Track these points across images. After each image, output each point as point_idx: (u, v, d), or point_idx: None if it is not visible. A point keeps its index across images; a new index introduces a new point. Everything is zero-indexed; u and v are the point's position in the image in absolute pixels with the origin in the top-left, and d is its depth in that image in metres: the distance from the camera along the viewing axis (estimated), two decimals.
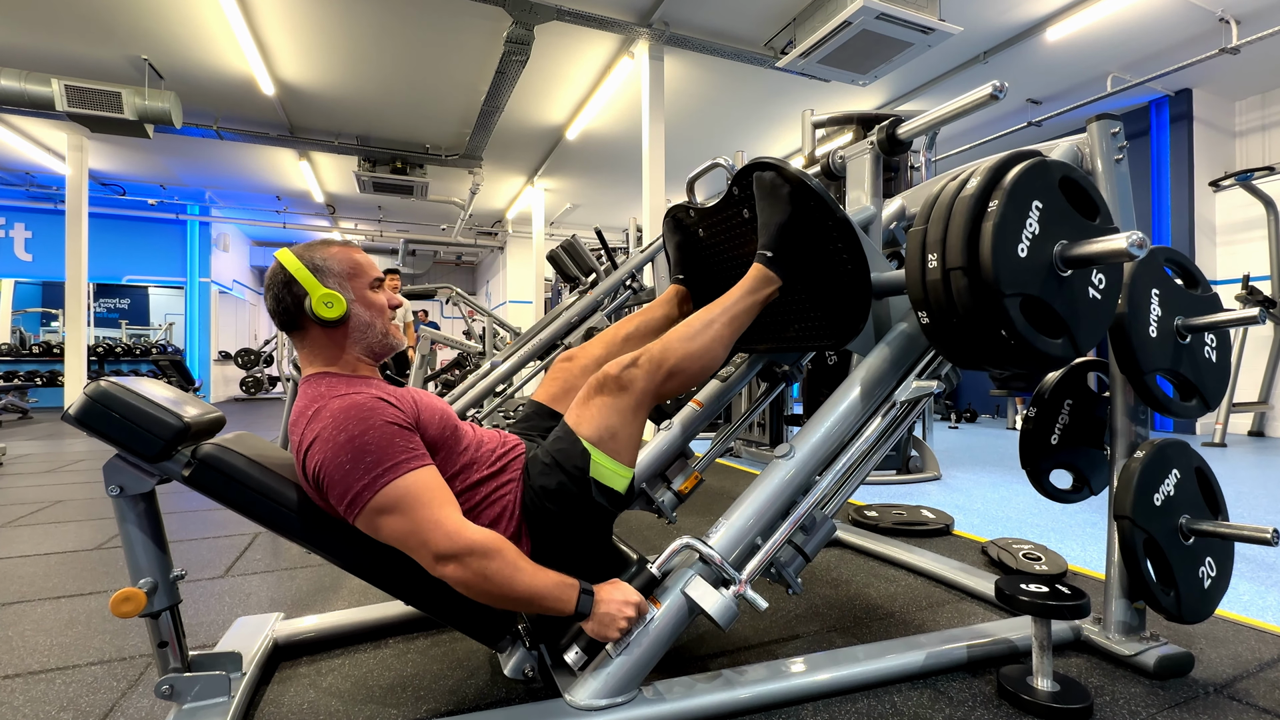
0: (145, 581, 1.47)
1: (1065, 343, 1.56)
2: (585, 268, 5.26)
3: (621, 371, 1.68)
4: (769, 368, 2.48)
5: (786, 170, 1.82)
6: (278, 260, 1.63)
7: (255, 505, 1.52)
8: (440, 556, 1.41)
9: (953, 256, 1.52)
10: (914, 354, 1.89)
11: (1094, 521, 3.61)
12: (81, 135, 9.69)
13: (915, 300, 1.63)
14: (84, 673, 1.90)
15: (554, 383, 2.12)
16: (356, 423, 1.45)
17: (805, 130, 5.47)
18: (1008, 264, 1.47)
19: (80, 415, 1.39)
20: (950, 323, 1.57)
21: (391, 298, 1.75)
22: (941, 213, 1.57)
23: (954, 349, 1.64)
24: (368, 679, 1.85)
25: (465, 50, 7.37)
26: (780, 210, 1.84)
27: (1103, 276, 1.64)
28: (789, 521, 1.69)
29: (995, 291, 1.45)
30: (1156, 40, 7.10)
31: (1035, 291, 1.51)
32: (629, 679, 1.54)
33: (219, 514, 3.84)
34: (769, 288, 1.86)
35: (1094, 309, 1.62)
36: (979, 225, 1.50)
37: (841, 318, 1.89)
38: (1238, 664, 1.93)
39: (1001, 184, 1.52)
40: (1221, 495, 1.96)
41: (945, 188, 1.62)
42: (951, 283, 1.52)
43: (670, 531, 3.43)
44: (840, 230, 1.78)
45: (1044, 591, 1.71)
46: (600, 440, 1.65)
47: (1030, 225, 1.52)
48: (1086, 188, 1.63)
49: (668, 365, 1.71)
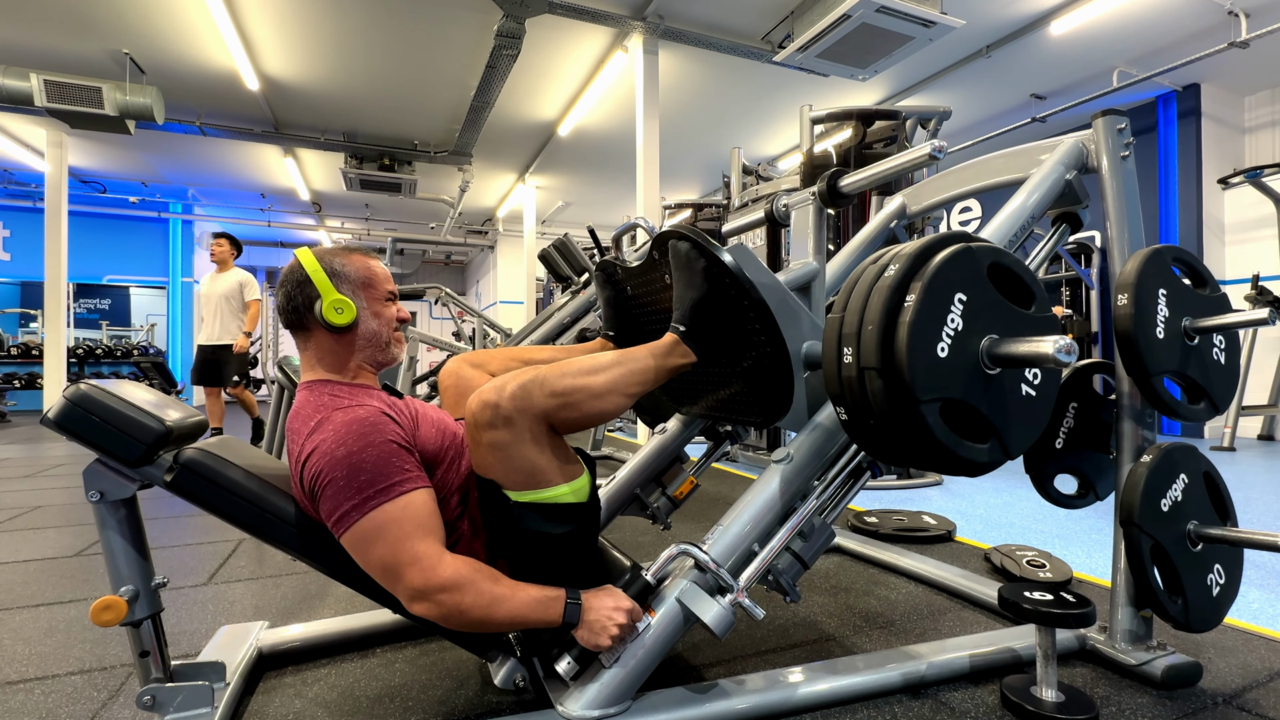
0: (126, 589, 1.47)
1: (993, 447, 1.49)
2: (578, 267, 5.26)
3: (501, 401, 1.48)
4: (711, 426, 2.40)
5: (701, 244, 1.71)
6: (297, 258, 1.66)
7: (239, 511, 1.52)
8: (414, 595, 1.41)
9: (867, 355, 1.43)
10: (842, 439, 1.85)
11: (1099, 528, 3.62)
12: (61, 131, 9.64)
13: (832, 395, 1.55)
14: (63, 683, 1.90)
15: (445, 393, 2.05)
16: (357, 438, 1.45)
17: (803, 126, 5.47)
18: (925, 366, 1.39)
19: (59, 419, 1.39)
20: (868, 423, 1.49)
21: (401, 312, 1.76)
22: (858, 303, 1.50)
23: (874, 448, 1.55)
24: (354, 689, 1.85)
25: (455, 44, 7.36)
26: (695, 285, 1.73)
27: (1037, 372, 1.57)
28: (787, 528, 1.69)
29: (910, 397, 1.38)
30: (1164, 34, 7.10)
31: (957, 394, 1.44)
32: (622, 689, 1.54)
33: (202, 520, 3.83)
34: (680, 360, 1.72)
35: (1027, 409, 1.55)
36: (895, 320, 1.42)
37: (766, 398, 1.83)
38: (1247, 674, 1.94)
39: (923, 273, 1.44)
40: (1230, 501, 1.97)
41: (865, 271, 1.55)
42: (867, 382, 1.44)
43: (665, 538, 3.43)
44: (757, 312, 1.69)
45: (1048, 599, 1.71)
46: (523, 484, 1.53)
47: (953, 321, 1.43)
48: (1020, 273, 1.56)
49: (561, 389, 1.53)
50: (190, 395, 14.89)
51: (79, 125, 7.77)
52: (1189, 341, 1.90)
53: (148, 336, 14.71)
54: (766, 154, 10.75)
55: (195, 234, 15.29)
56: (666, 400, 2.30)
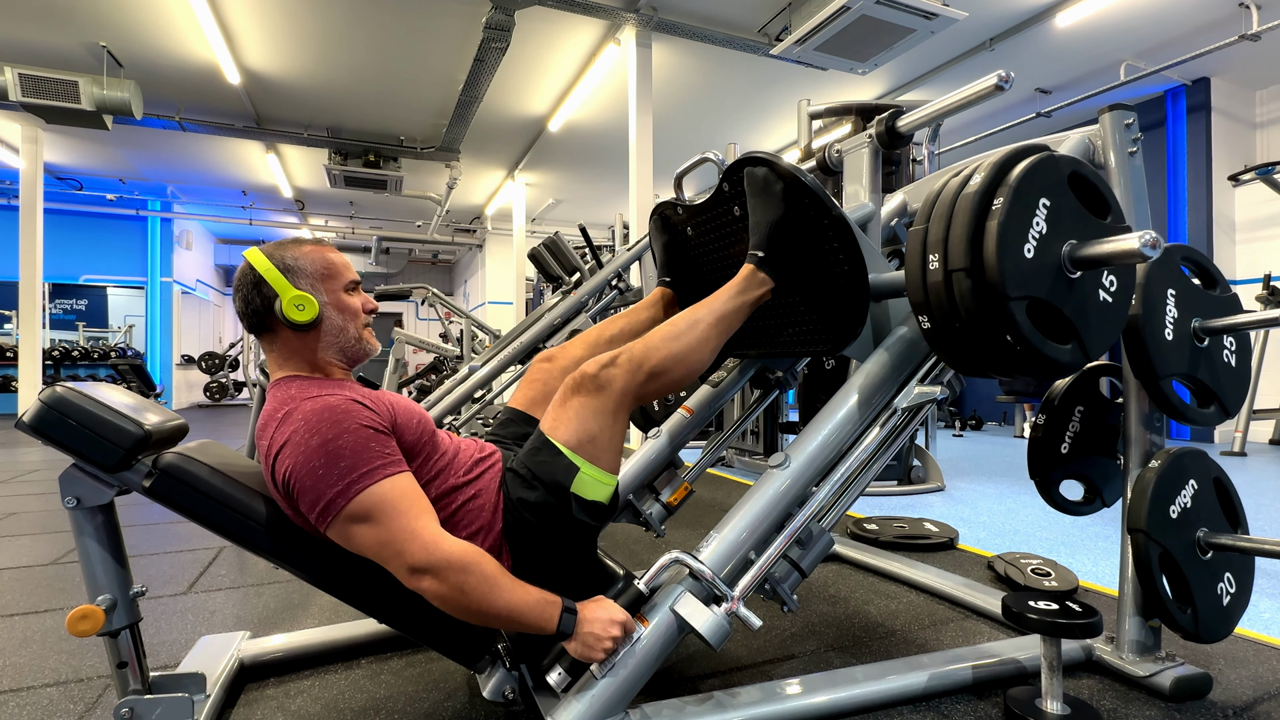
0: (104, 598, 1.47)
1: (1075, 348, 1.55)
2: (569, 267, 5.26)
3: (600, 370, 1.65)
4: (761, 374, 2.47)
5: (779, 165, 1.80)
6: (246, 260, 1.63)
7: (220, 517, 1.52)
8: (415, 569, 1.40)
9: (955, 257, 1.50)
10: (915, 359, 1.89)
11: (1106, 535, 3.63)
12: (36, 126, 9.64)
13: (916, 303, 1.62)
14: (39, 695, 1.90)
15: (532, 385, 2.12)
16: (330, 425, 1.44)
17: (801, 121, 5.46)
18: (1014, 266, 1.45)
19: (35, 423, 1.39)
20: (953, 328, 1.55)
21: (367, 301, 1.75)
22: (943, 211, 1.56)
23: (957, 355, 1.63)
24: (339, 701, 1.84)
25: (442, 37, 7.37)
26: (773, 208, 1.81)
27: (1114, 278, 1.62)
28: (784, 535, 1.69)
29: (1000, 295, 1.44)
30: (1172, 26, 7.14)
31: (1043, 294, 1.49)
32: (615, 702, 1.54)
33: (182, 527, 3.81)
34: (760, 289, 1.84)
35: (1105, 312, 1.61)
36: (983, 224, 1.48)
37: (838, 322, 1.88)
38: (1259, 685, 1.94)
39: (1007, 180, 1.50)
40: (1241, 507, 1.97)
41: (948, 184, 1.60)
42: (954, 285, 1.51)
43: (659, 545, 3.44)
44: (836, 229, 1.76)
45: (1054, 609, 1.72)
46: (579, 445, 1.63)
47: (1038, 224, 1.50)
48: (1097, 184, 1.62)
49: (650, 365, 1.68)
50: (170, 398, 14.87)
51: (55, 120, 7.76)
52: (1199, 343, 1.90)
53: (126, 338, 14.70)
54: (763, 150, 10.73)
55: (175, 232, 15.26)
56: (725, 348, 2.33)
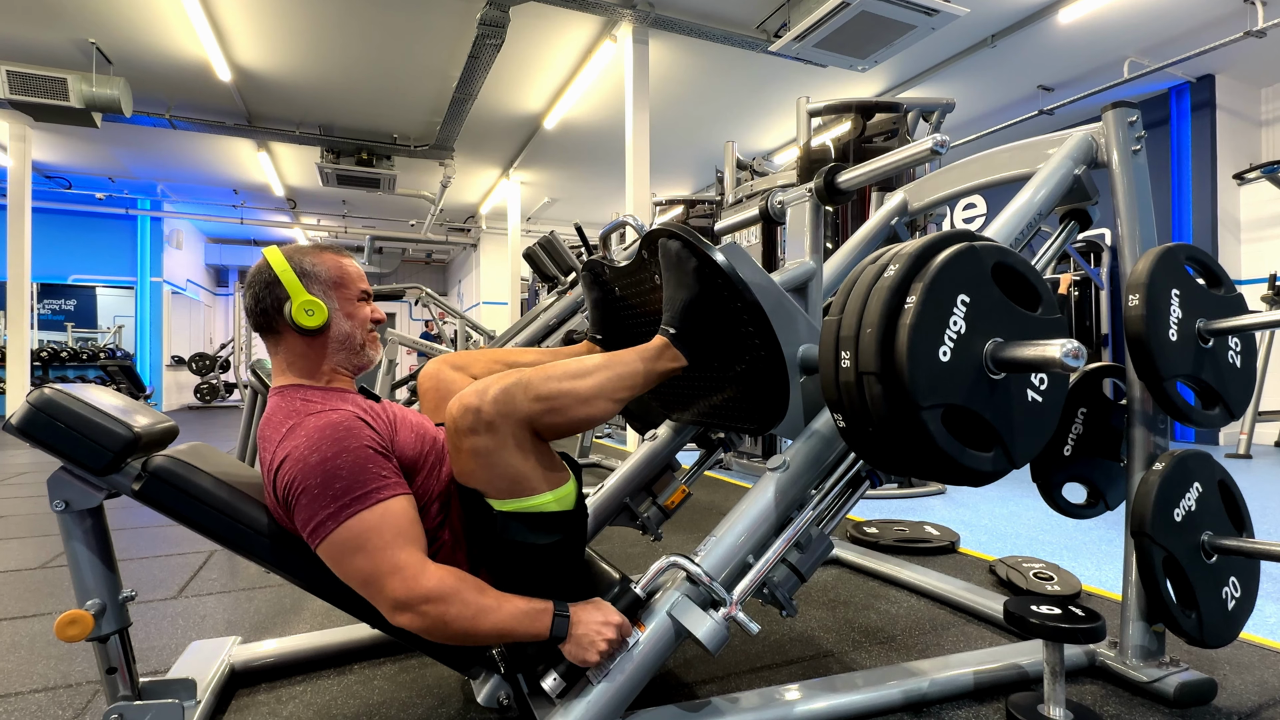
0: (93, 603, 1.47)
1: (998, 455, 1.47)
2: (564, 266, 5.27)
3: (485, 404, 1.46)
4: (704, 434, 2.41)
5: (692, 243, 1.70)
6: (264, 257, 1.64)
7: (210, 521, 1.52)
8: (397, 606, 1.41)
9: (866, 359, 1.42)
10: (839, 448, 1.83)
11: (1110, 539, 3.63)
12: (24, 124, 9.60)
13: (829, 400, 1.54)
14: (27, 700, 1.90)
15: (427, 398, 2.02)
16: (331, 444, 1.45)
17: (800, 119, 5.47)
18: (927, 371, 1.38)
19: (23, 425, 1.39)
20: (866, 431, 1.48)
21: (376, 312, 1.75)
22: (856, 305, 1.48)
23: (874, 457, 1.55)
24: (331, 708, 1.84)
25: (436, 33, 7.36)
26: (685, 286, 1.72)
27: (1044, 376, 1.55)
28: (783, 539, 1.69)
29: (911, 403, 1.36)
30: (1177, 22, 7.13)
31: (960, 400, 1.42)
32: (611, 707, 1.54)
33: (172, 531, 3.81)
34: (670, 364, 1.72)
35: (1034, 415, 1.53)
36: (895, 323, 1.40)
37: (760, 404, 1.83)
38: (1264, 691, 1.95)
39: (924, 273, 1.42)
40: (1246, 510, 1.98)
41: (864, 272, 1.54)
42: (865, 388, 1.43)
43: (655, 549, 3.44)
44: (751, 314, 1.68)
45: (1056, 614, 1.72)
46: (503, 492, 1.52)
47: (955, 324, 1.42)
48: (1026, 274, 1.54)
49: (545, 394, 1.52)
50: (160, 400, 14.84)
51: (43, 118, 7.75)
52: (1203, 344, 1.90)
53: (115, 339, 14.66)
54: (761, 148, 10.77)
55: (165, 231, 15.23)
56: (656, 406, 2.30)
